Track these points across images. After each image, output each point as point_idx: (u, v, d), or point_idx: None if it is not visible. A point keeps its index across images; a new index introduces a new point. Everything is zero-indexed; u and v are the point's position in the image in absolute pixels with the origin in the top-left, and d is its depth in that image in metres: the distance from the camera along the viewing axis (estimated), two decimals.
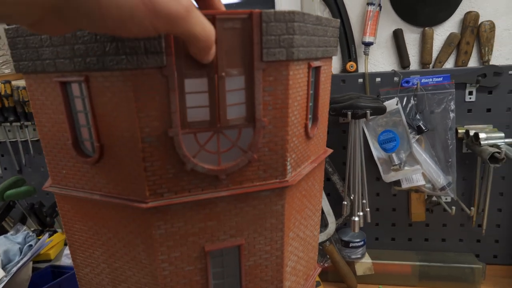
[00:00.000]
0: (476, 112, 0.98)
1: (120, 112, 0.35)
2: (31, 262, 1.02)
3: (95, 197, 0.39)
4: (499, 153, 0.85)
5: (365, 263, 1.05)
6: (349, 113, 0.87)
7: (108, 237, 0.41)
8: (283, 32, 0.36)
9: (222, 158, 0.38)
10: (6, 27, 0.40)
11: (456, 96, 0.96)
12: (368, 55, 0.99)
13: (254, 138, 0.38)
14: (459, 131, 0.97)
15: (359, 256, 1.05)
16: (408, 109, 0.99)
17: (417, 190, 1.01)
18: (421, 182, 0.97)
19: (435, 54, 0.99)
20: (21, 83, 1.16)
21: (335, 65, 1.05)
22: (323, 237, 1.02)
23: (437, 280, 1.03)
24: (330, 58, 0.49)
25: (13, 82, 1.17)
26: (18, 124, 1.18)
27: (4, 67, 1.24)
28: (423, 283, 1.03)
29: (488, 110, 0.98)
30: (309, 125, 0.45)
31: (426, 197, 1.03)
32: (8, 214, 1.18)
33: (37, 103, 0.41)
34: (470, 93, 0.97)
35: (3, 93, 1.14)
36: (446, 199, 1.04)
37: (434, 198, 1.02)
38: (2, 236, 1.08)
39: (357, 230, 0.95)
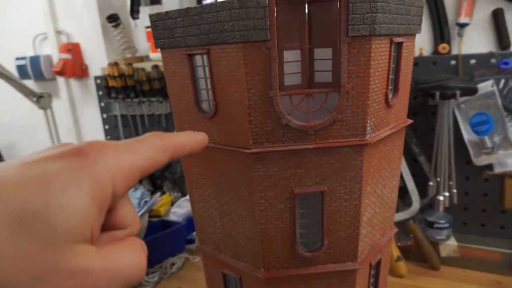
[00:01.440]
0: None
1: (232, 77, 0.45)
2: (147, 215, 1.22)
3: (211, 145, 0.50)
4: None
5: (450, 245, 1.05)
6: (437, 93, 0.88)
7: (219, 178, 0.52)
8: (366, 11, 0.42)
9: (311, 117, 0.46)
10: (150, 13, 0.53)
11: None
12: (462, 36, 0.98)
13: (339, 101, 0.45)
14: None
15: (443, 237, 1.05)
16: (506, 91, 0.96)
17: (507, 174, 0.97)
18: None
19: None
20: (140, 65, 1.36)
21: (426, 47, 1.05)
22: (406, 215, 1.05)
23: None
24: (413, 35, 0.54)
25: (134, 65, 1.38)
26: (137, 100, 1.39)
27: (126, 51, 1.46)
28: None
29: None
30: (390, 95, 0.50)
31: None
32: None
33: (169, 72, 0.53)
34: None
35: (126, 73, 1.35)
36: None
37: None
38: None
39: (441, 209, 0.96)
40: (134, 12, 1.34)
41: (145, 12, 1.34)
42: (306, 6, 0.43)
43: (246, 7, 0.41)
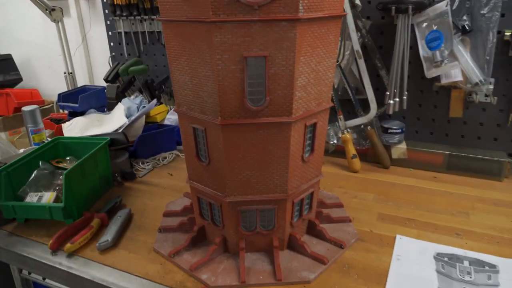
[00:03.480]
0: None
1: None
2: (144, 117, 1.40)
3: (183, 19, 0.66)
4: None
5: (400, 148, 1.23)
6: (393, 7, 1.01)
7: (189, 47, 0.69)
8: None
9: None
10: None
11: None
12: None
13: None
14: (506, 33, 1.05)
15: (395, 141, 1.23)
16: (457, 10, 1.08)
17: (455, 86, 1.13)
18: (458, 78, 1.09)
19: None
20: None
21: None
22: (364, 120, 1.22)
23: (464, 170, 1.17)
24: None
25: None
26: (139, 18, 1.53)
27: None
28: (450, 172, 1.18)
29: None
30: None
31: (464, 94, 1.14)
32: (130, 86, 1.59)
33: None
34: None
35: None
36: (486, 99, 1.14)
37: (471, 97, 1.13)
38: (126, 98, 1.48)
39: (391, 111, 1.13)
40: None
41: None
42: None
43: None
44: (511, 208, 1.00)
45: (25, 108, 1.25)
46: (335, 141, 1.29)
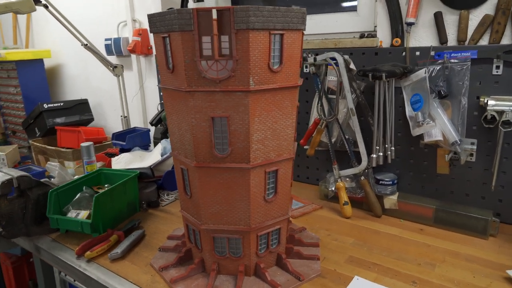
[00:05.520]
0: (503, 84, 1.12)
1: (178, 48, 0.85)
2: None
3: (170, 88, 0.90)
4: (493, 116, 1.02)
5: (391, 199, 1.33)
6: (370, 74, 1.17)
7: (176, 107, 0.92)
8: (243, 16, 0.78)
9: (219, 73, 0.83)
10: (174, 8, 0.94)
11: (485, 69, 1.13)
12: (409, 33, 1.24)
13: (233, 65, 0.82)
14: (481, 99, 1.14)
15: (387, 192, 1.33)
16: (436, 77, 1.20)
17: (437, 145, 1.22)
18: (438, 137, 1.19)
19: (470, 33, 1.16)
20: None
21: (387, 40, 1.32)
22: (355, 170, 1.35)
23: (451, 225, 1.22)
24: (298, 30, 0.87)
25: None
26: None
27: None
28: (437, 225, 1.24)
29: None
30: (274, 65, 0.85)
31: (448, 153, 1.23)
32: None
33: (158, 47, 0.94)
34: (498, 67, 1.12)
35: None
36: (470, 158, 1.21)
37: (454, 155, 1.21)
38: (165, 139, 1.76)
39: (374, 164, 1.25)
40: (184, 6, 1.79)
41: (190, 6, 1.77)
42: (214, 12, 0.80)
43: (181, 13, 0.80)
44: (482, 266, 1.04)
45: (83, 144, 1.58)
46: (333, 188, 1.42)
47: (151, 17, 0.92)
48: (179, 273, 1.01)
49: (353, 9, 1.55)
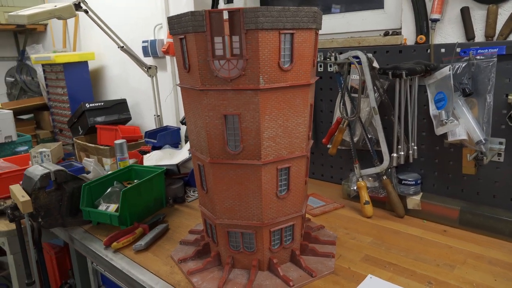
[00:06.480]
0: None
1: (192, 49, 0.88)
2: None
3: (187, 86, 0.94)
4: None
5: (414, 199, 1.30)
6: (390, 72, 1.15)
7: (192, 106, 0.96)
8: (252, 16, 0.81)
9: (230, 72, 0.86)
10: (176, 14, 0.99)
11: None
12: (434, 30, 1.20)
13: (243, 64, 0.85)
14: (509, 97, 1.09)
15: (411, 192, 1.30)
16: (461, 75, 1.15)
17: (462, 144, 1.18)
18: (462, 136, 1.15)
19: (498, 28, 1.11)
20: None
21: (411, 37, 1.29)
22: (377, 170, 1.33)
23: (476, 227, 1.17)
24: (309, 29, 0.89)
25: None
26: None
27: None
28: (462, 227, 1.20)
29: None
30: (284, 64, 0.87)
31: (473, 152, 1.18)
32: None
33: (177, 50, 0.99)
34: None
35: None
36: (498, 158, 1.16)
37: (480, 155, 1.16)
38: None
39: (394, 164, 1.22)
40: (214, 7, 1.84)
41: (220, 7, 1.82)
42: (226, 13, 0.84)
43: (195, 15, 0.84)
44: (505, 269, 1.00)
45: (116, 142, 1.67)
46: (355, 188, 1.41)
47: (170, 20, 0.97)
48: (196, 265, 1.05)
49: (380, 6, 1.53)
